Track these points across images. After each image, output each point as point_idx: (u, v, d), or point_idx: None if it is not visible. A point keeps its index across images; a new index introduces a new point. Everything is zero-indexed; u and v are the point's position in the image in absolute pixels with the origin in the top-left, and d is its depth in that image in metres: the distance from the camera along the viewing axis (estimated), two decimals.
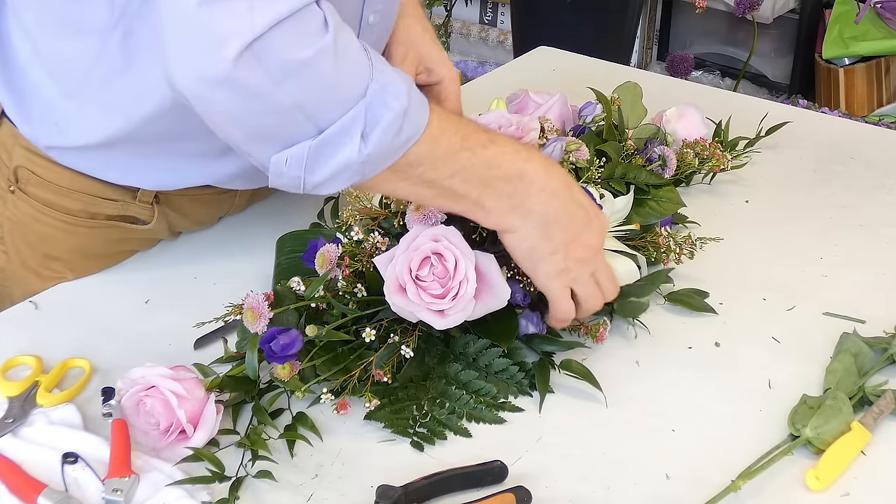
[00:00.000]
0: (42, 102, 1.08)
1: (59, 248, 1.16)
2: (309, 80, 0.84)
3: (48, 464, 0.91)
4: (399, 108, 0.88)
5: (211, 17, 0.81)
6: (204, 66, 0.82)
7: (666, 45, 3.49)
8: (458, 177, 0.93)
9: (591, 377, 1.01)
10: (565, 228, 0.98)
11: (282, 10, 0.81)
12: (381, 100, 0.87)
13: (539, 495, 0.88)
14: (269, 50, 0.82)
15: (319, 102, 0.86)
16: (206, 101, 0.86)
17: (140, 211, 1.16)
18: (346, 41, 0.87)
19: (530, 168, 0.96)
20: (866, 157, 1.48)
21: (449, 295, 0.95)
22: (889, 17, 3.07)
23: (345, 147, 0.87)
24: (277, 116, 0.86)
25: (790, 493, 0.91)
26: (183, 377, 0.94)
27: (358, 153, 0.87)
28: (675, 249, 1.14)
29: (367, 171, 0.90)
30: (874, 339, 1.07)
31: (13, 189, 1.15)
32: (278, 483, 0.90)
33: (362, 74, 0.87)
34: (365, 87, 0.87)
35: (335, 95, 0.86)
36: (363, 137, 0.87)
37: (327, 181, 0.90)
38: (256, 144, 0.89)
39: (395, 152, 0.90)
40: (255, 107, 0.85)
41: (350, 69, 0.87)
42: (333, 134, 0.87)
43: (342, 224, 1.06)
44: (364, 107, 0.87)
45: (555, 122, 1.25)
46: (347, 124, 0.87)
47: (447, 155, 0.92)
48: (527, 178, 0.96)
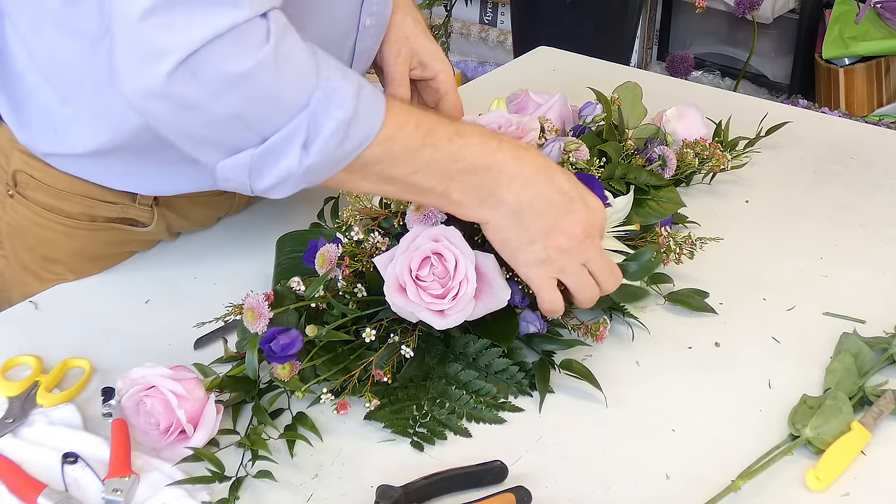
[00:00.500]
0: (40, 108, 1.08)
1: (59, 250, 1.16)
2: (247, 91, 0.84)
3: (48, 464, 0.91)
4: (343, 116, 0.87)
5: (150, 30, 0.82)
6: (142, 80, 0.83)
7: (666, 45, 3.49)
8: (421, 173, 0.92)
9: (591, 377, 1.01)
10: (541, 216, 0.96)
11: (220, 26, 0.82)
12: (324, 109, 0.86)
13: (539, 495, 0.88)
14: (204, 64, 0.82)
15: (260, 112, 0.86)
16: (147, 113, 0.87)
17: (140, 213, 1.16)
18: (289, 50, 0.86)
19: (499, 158, 0.95)
20: (866, 157, 1.48)
21: (449, 295, 0.95)
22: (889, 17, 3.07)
23: (286, 156, 0.87)
24: (217, 127, 0.86)
25: (790, 493, 0.91)
26: (183, 377, 0.94)
27: (298, 163, 0.87)
28: (675, 249, 1.14)
29: (311, 179, 0.90)
30: (874, 339, 1.07)
31: (12, 193, 1.15)
32: (278, 483, 0.90)
33: (306, 83, 0.86)
34: (308, 96, 0.86)
35: (276, 105, 0.86)
36: (304, 147, 0.87)
37: (273, 188, 0.90)
38: (203, 151, 0.90)
39: (343, 159, 0.89)
40: (192, 118, 0.86)
41: (292, 77, 0.86)
42: (276, 143, 0.87)
43: (342, 224, 1.06)
44: (307, 116, 0.86)
45: (555, 122, 1.25)
46: (290, 134, 0.86)
47: (406, 153, 0.92)
48: (495, 169, 0.94)
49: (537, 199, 0.96)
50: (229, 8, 0.82)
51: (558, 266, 0.98)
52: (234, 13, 0.82)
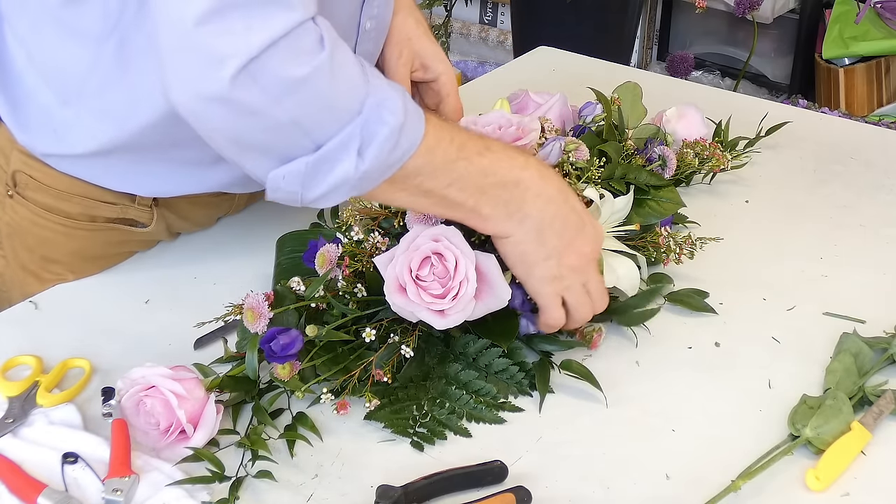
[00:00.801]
0: (39, 109, 1.08)
1: (59, 251, 1.16)
2: (305, 97, 0.84)
3: (48, 464, 0.91)
4: (395, 123, 0.88)
5: (208, 36, 0.81)
6: (201, 85, 0.83)
7: (666, 45, 3.49)
8: (456, 185, 0.94)
9: (591, 377, 1.01)
10: (559, 234, 0.98)
11: (277, 30, 0.81)
12: (377, 115, 0.87)
13: (539, 495, 0.88)
14: (265, 69, 0.82)
15: (316, 119, 0.86)
16: (202, 119, 0.86)
17: (139, 214, 1.16)
18: (343, 58, 0.87)
19: (526, 175, 0.97)
20: (866, 157, 1.48)
21: (449, 295, 0.95)
22: (889, 17, 3.07)
23: (342, 163, 0.87)
24: (274, 133, 0.86)
25: (790, 493, 0.91)
26: (183, 377, 0.94)
27: (355, 169, 0.88)
28: (675, 249, 1.14)
29: (364, 186, 0.90)
30: (874, 339, 1.07)
31: (11, 193, 1.15)
32: (278, 483, 0.90)
33: (358, 90, 0.87)
34: (361, 102, 0.87)
35: (332, 112, 0.86)
36: (359, 153, 0.87)
37: (324, 196, 0.90)
38: (254, 160, 0.89)
39: (391, 166, 0.90)
40: (252, 124, 0.85)
41: (346, 85, 0.87)
42: (331, 150, 0.87)
43: (342, 224, 1.06)
44: (361, 123, 0.87)
45: (555, 122, 1.25)
46: (344, 140, 0.87)
47: (444, 164, 0.93)
48: (522, 185, 0.96)
49: (557, 217, 0.98)
50: (283, 11, 0.82)
51: (566, 284, 1.00)
52: (288, 16, 0.82)
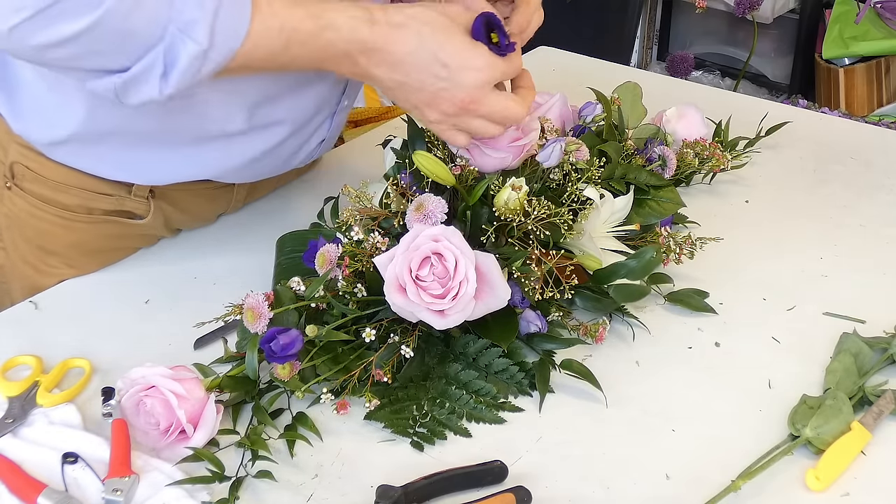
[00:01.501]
0: (31, 97, 1.09)
1: (57, 243, 1.16)
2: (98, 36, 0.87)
3: (48, 464, 0.91)
4: (197, 50, 0.89)
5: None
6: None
7: (666, 45, 3.49)
8: (292, 65, 0.97)
9: (591, 377, 1.01)
10: (417, 91, 0.99)
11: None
12: (180, 41, 0.89)
13: (539, 495, 0.88)
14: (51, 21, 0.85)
15: (114, 49, 0.89)
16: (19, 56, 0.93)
17: (136, 206, 1.16)
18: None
19: (368, 44, 0.97)
20: (866, 157, 1.48)
21: (449, 295, 0.95)
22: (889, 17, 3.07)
23: (147, 84, 0.90)
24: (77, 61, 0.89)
25: (790, 493, 0.91)
26: (183, 377, 0.94)
27: (159, 92, 0.91)
28: (675, 249, 1.14)
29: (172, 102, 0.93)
30: (874, 339, 1.07)
31: (9, 185, 1.15)
32: (278, 483, 0.90)
33: (159, 17, 0.88)
34: (163, 28, 0.88)
35: (129, 42, 0.88)
36: (163, 76, 0.90)
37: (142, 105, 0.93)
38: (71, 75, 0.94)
39: (202, 80, 0.92)
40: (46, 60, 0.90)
41: (144, 16, 0.88)
42: (136, 73, 0.90)
43: (342, 224, 1.06)
44: (162, 49, 0.89)
45: (555, 122, 1.25)
46: (147, 66, 0.89)
47: (270, 57, 0.95)
48: (364, 55, 0.98)
49: (410, 77, 0.99)
50: None
51: (454, 123, 1.02)
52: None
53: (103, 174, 1.12)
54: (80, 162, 1.11)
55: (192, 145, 1.10)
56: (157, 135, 1.08)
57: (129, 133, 1.08)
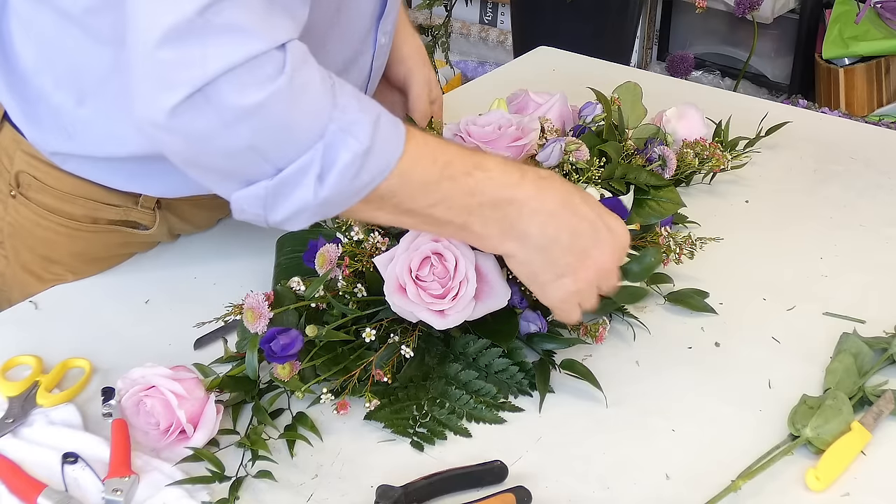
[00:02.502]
0: (49, 108, 1.08)
1: (60, 251, 1.16)
2: (261, 123, 0.82)
3: (48, 464, 0.91)
4: (358, 149, 0.85)
5: (164, 62, 0.80)
6: (151, 111, 0.82)
7: (666, 45, 3.49)
8: (441, 206, 0.90)
9: (591, 377, 1.01)
10: (568, 250, 0.94)
11: (235, 58, 0.80)
12: (340, 140, 0.84)
13: (539, 495, 0.88)
14: (217, 95, 0.80)
15: (273, 144, 0.84)
16: (157, 143, 0.85)
17: (142, 216, 1.16)
18: (305, 81, 0.84)
19: (520, 193, 0.92)
20: (866, 157, 1.48)
21: (449, 295, 0.95)
22: (889, 17, 3.07)
23: (301, 188, 0.85)
24: (231, 158, 0.85)
25: (790, 493, 0.91)
26: (183, 377, 0.94)
27: (314, 195, 0.85)
28: (675, 249, 1.14)
29: (326, 212, 0.88)
30: (874, 339, 1.07)
31: (14, 194, 1.15)
32: (278, 483, 0.90)
33: (321, 115, 0.84)
34: (324, 127, 0.84)
35: (290, 137, 0.84)
36: (319, 179, 0.85)
37: (288, 220, 0.88)
38: (216, 183, 0.88)
39: (358, 191, 0.87)
40: (205, 149, 0.84)
41: (306, 110, 0.84)
42: (290, 175, 0.85)
43: (342, 224, 1.06)
44: (322, 148, 0.84)
45: (555, 122, 1.25)
46: (304, 166, 0.84)
47: (423, 186, 0.89)
48: (516, 203, 0.92)
49: (563, 231, 0.94)
50: (243, 39, 0.80)
51: (584, 295, 0.98)
52: (248, 46, 0.80)
53: (115, 185, 1.12)
54: (92, 174, 1.11)
55: None
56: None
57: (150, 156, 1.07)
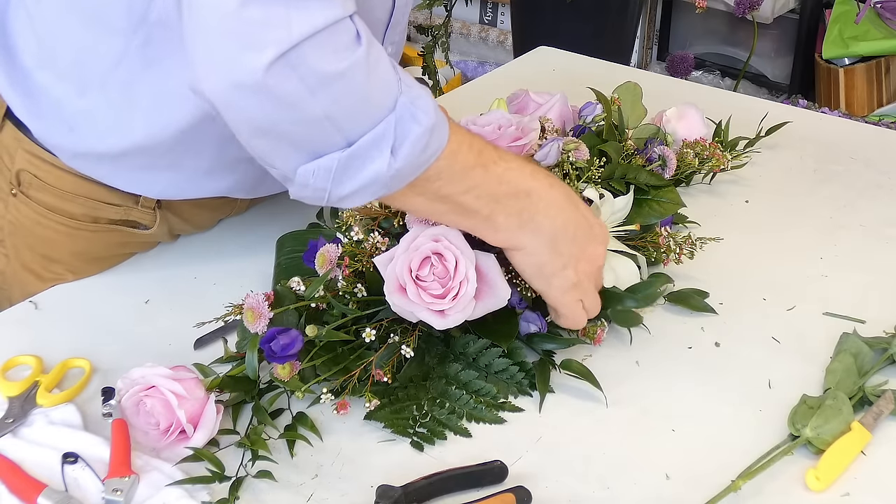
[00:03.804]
0: (50, 101, 1.08)
1: (60, 250, 1.16)
2: (342, 91, 0.83)
3: (48, 464, 0.91)
4: (428, 122, 0.87)
5: (248, 22, 0.80)
6: (237, 71, 0.81)
7: (666, 45, 3.49)
8: (472, 192, 0.93)
9: (591, 377, 1.01)
10: (572, 241, 0.98)
11: (318, 22, 0.81)
12: (410, 114, 0.86)
13: (539, 495, 0.88)
14: (303, 60, 0.81)
15: (350, 114, 0.85)
16: (235, 108, 0.84)
17: (142, 216, 1.16)
18: (378, 55, 0.86)
19: (536, 185, 0.97)
20: (866, 157, 1.48)
21: (449, 295, 0.95)
22: (889, 17, 3.07)
23: (374, 161, 0.86)
24: (308, 126, 0.85)
25: (790, 493, 0.91)
26: (183, 377, 0.94)
27: (388, 167, 0.86)
28: (675, 249, 1.14)
29: (394, 185, 0.89)
30: (874, 339, 1.07)
31: (15, 192, 1.15)
32: (278, 483, 0.90)
33: (392, 88, 0.86)
34: (394, 100, 0.86)
35: (366, 108, 0.85)
36: (392, 151, 0.86)
37: (353, 194, 0.88)
38: (283, 154, 0.88)
39: (420, 167, 0.89)
40: (286, 116, 0.84)
41: (381, 82, 0.86)
42: (363, 147, 0.86)
43: (342, 224, 1.06)
44: (394, 120, 0.86)
45: (555, 122, 1.25)
46: (377, 137, 0.86)
47: (463, 170, 0.92)
48: (535, 195, 0.96)
49: (569, 224, 0.98)
50: (324, 5, 0.82)
51: (584, 289, 1.01)
52: (328, 11, 0.81)
53: (116, 185, 1.12)
54: (94, 171, 1.11)
55: (210, 172, 1.10)
56: (178, 158, 1.08)
57: (151, 154, 1.07)
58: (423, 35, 2.79)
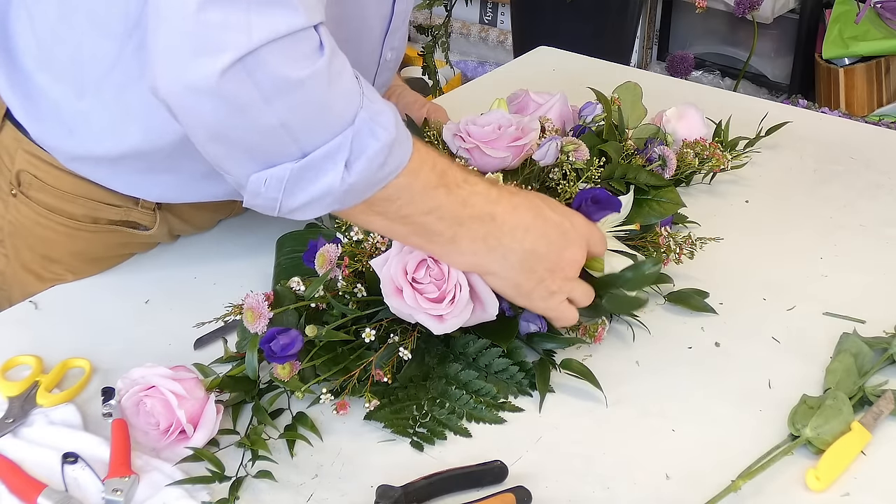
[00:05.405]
0: (49, 103, 1.08)
1: (60, 251, 1.16)
2: (299, 100, 0.82)
3: (48, 464, 0.91)
4: (386, 138, 0.86)
5: (207, 24, 0.79)
6: (192, 74, 0.80)
7: (666, 45, 3.49)
8: (435, 213, 0.92)
9: (591, 377, 1.01)
10: (545, 257, 0.97)
11: (280, 29, 0.80)
12: (369, 129, 0.85)
13: (539, 495, 0.88)
14: (262, 65, 0.80)
15: (306, 125, 0.84)
16: (189, 111, 0.83)
17: (142, 217, 1.16)
18: (340, 67, 0.85)
19: (499, 209, 0.95)
20: (866, 157, 1.48)
21: (446, 299, 0.95)
22: (889, 17, 3.07)
23: (327, 173, 0.85)
24: (262, 134, 0.84)
25: (790, 493, 0.91)
26: (183, 377, 0.94)
27: (341, 181, 0.85)
28: (675, 249, 1.14)
29: (347, 200, 0.88)
30: (874, 339, 1.07)
31: (15, 192, 1.15)
32: (278, 483, 0.90)
33: (352, 101, 0.85)
34: (354, 114, 0.85)
35: (323, 119, 0.84)
36: (347, 166, 0.85)
37: (304, 206, 0.87)
38: (236, 161, 0.87)
39: (376, 183, 0.88)
40: (240, 122, 0.83)
41: (341, 95, 0.85)
42: (317, 159, 0.85)
43: (342, 224, 1.06)
44: (351, 134, 0.85)
45: (555, 121, 1.25)
46: (332, 150, 0.84)
47: (424, 190, 0.91)
48: (498, 219, 0.94)
49: (539, 241, 0.96)
50: (287, 12, 0.81)
51: (567, 289, 1.00)
52: (291, 18, 0.81)
53: (115, 188, 1.12)
54: (92, 173, 1.11)
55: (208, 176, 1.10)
56: (176, 162, 1.08)
57: (149, 157, 1.07)
58: (423, 35, 2.79)
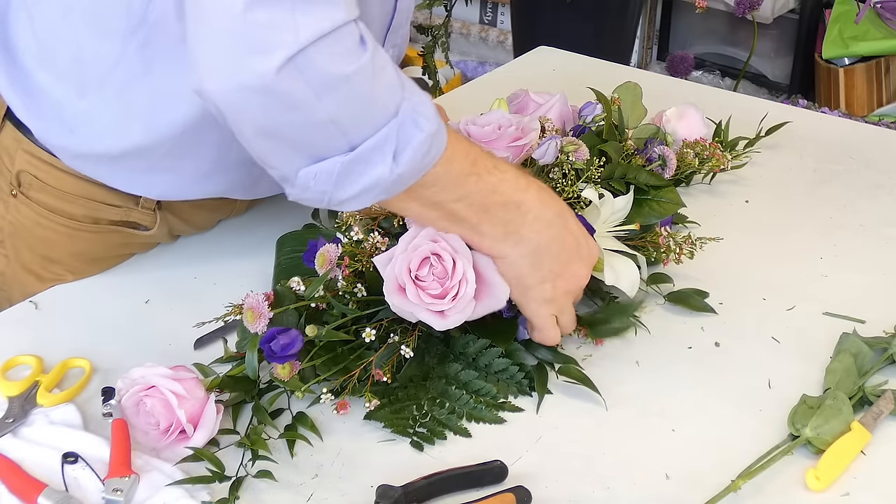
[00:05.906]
0: (50, 102, 1.08)
1: (60, 251, 1.16)
2: (347, 95, 0.84)
3: (48, 464, 0.91)
4: (430, 128, 0.88)
5: (255, 25, 0.80)
6: (245, 74, 0.81)
7: (666, 45, 3.49)
8: (464, 200, 0.94)
9: (588, 382, 1.01)
10: (555, 258, 0.98)
11: (324, 26, 0.81)
12: (412, 119, 0.87)
13: (539, 495, 0.88)
14: (311, 63, 0.81)
15: (354, 119, 0.85)
16: (240, 109, 0.84)
17: (142, 217, 1.16)
18: (383, 59, 0.87)
19: (527, 197, 0.97)
20: (866, 157, 1.47)
21: (448, 295, 0.95)
22: (889, 17, 3.07)
23: (377, 165, 0.87)
24: (312, 130, 0.85)
25: (790, 493, 0.91)
26: (183, 377, 0.94)
27: (390, 172, 0.87)
28: (675, 249, 1.14)
29: (394, 190, 0.89)
30: (874, 339, 1.07)
31: (15, 193, 1.15)
32: (278, 483, 0.90)
33: (395, 93, 0.87)
34: (397, 105, 0.87)
35: (369, 113, 0.86)
36: (395, 157, 0.87)
37: (354, 197, 0.89)
38: (284, 156, 0.88)
39: (419, 172, 0.89)
40: (290, 118, 0.84)
41: (385, 87, 0.86)
42: (365, 151, 0.86)
43: (342, 224, 1.06)
44: (396, 126, 0.86)
45: (555, 121, 1.25)
46: (380, 142, 0.86)
47: (458, 177, 0.93)
48: (524, 207, 0.96)
49: (554, 241, 0.98)
50: (329, 9, 0.82)
51: (560, 306, 1.01)
52: (333, 14, 0.82)
53: (115, 186, 1.12)
54: (93, 172, 1.11)
55: (208, 175, 1.10)
56: (176, 161, 1.08)
57: (150, 156, 1.07)
58: (423, 35, 2.79)
